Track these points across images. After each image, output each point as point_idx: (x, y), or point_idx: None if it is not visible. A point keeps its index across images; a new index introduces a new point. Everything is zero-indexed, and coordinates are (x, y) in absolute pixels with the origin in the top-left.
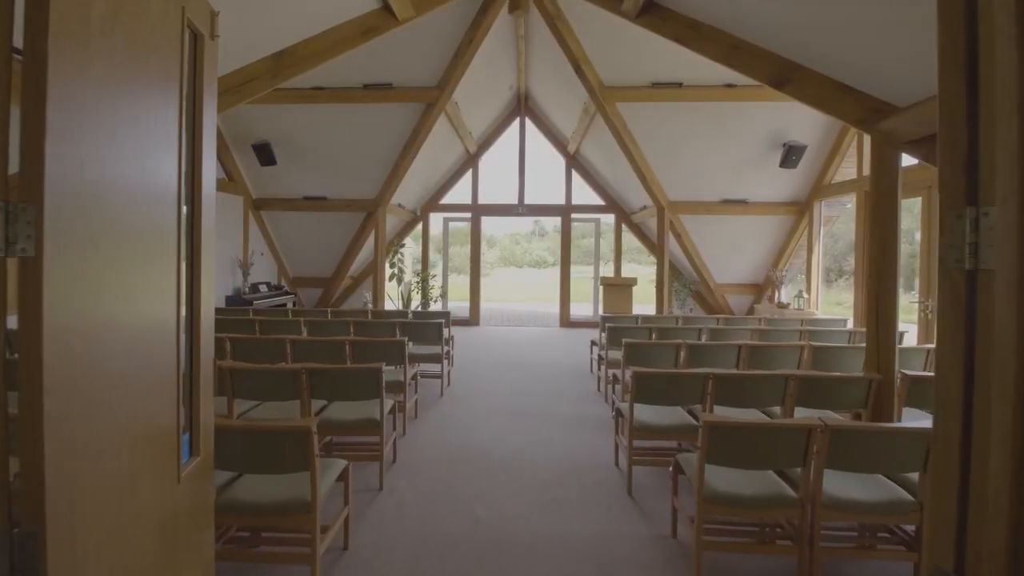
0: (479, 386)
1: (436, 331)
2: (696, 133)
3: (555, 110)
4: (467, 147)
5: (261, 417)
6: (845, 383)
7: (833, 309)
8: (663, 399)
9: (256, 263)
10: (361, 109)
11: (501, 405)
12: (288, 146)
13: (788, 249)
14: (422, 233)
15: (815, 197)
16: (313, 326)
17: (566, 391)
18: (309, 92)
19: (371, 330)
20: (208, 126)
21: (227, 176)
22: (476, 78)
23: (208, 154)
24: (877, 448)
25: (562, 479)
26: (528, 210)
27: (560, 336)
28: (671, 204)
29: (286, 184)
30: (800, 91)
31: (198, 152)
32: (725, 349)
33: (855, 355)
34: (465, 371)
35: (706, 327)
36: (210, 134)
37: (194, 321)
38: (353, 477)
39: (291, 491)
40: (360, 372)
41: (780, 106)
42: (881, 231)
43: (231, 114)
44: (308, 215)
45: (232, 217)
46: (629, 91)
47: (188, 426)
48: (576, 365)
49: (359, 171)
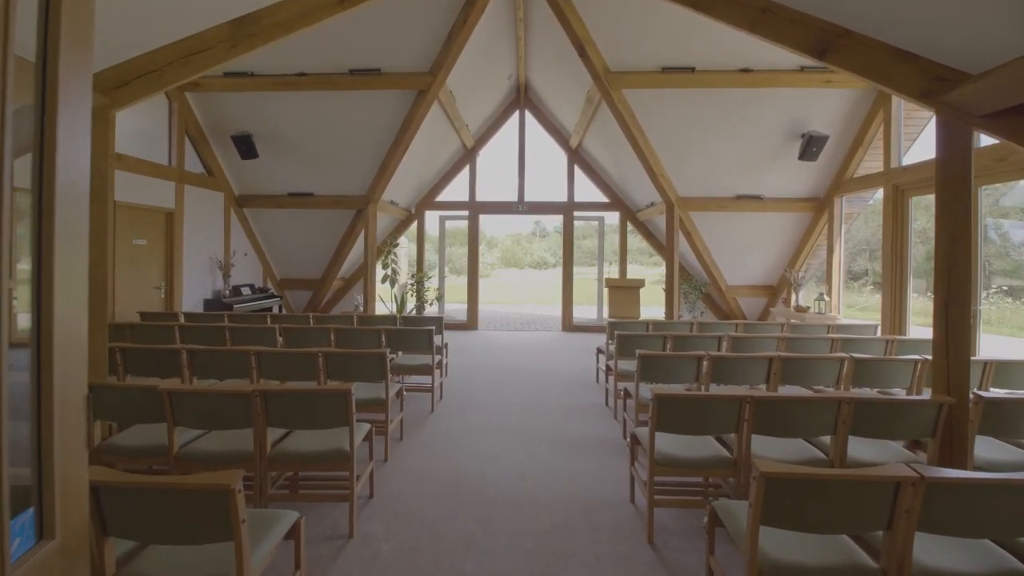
0: (475, 399)
1: (426, 339)
2: (708, 123)
3: (557, 101)
4: (464, 141)
5: (203, 450)
6: (909, 408)
7: (854, 314)
8: (690, 426)
9: (239, 264)
10: (348, 97)
11: (498, 422)
12: (270, 138)
13: (805, 249)
14: (417, 232)
15: (836, 192)
16: (291, 335)
17: (571, 406)
18: (291, 78)
19: (354, 339)
20: (72, 92)
21: (206, 171)
22: (472, 65)
23: (71, 130)
24: (989, 505)
25: (568, 520)
26: (528, 208)
27: (562, 341)
28: (681, 200)
29: (270, 179)
30: (846, 60)
31: (50, 126)
32: (752, 363)
33: (900, 369)
34: (460, 382)
35: (725, 335)
36: (77, 103)
37: (43, 342)
38: (320, 521)
39: (213, 567)
40: (326, 395)
41: (800, 93)
42: (951, 224)
43: (207, 103)
44: (294, 213)
45: (212, 215)
46: (637, 76)
47: (37, 492)
48: (581, 374)
49: (347, 165)
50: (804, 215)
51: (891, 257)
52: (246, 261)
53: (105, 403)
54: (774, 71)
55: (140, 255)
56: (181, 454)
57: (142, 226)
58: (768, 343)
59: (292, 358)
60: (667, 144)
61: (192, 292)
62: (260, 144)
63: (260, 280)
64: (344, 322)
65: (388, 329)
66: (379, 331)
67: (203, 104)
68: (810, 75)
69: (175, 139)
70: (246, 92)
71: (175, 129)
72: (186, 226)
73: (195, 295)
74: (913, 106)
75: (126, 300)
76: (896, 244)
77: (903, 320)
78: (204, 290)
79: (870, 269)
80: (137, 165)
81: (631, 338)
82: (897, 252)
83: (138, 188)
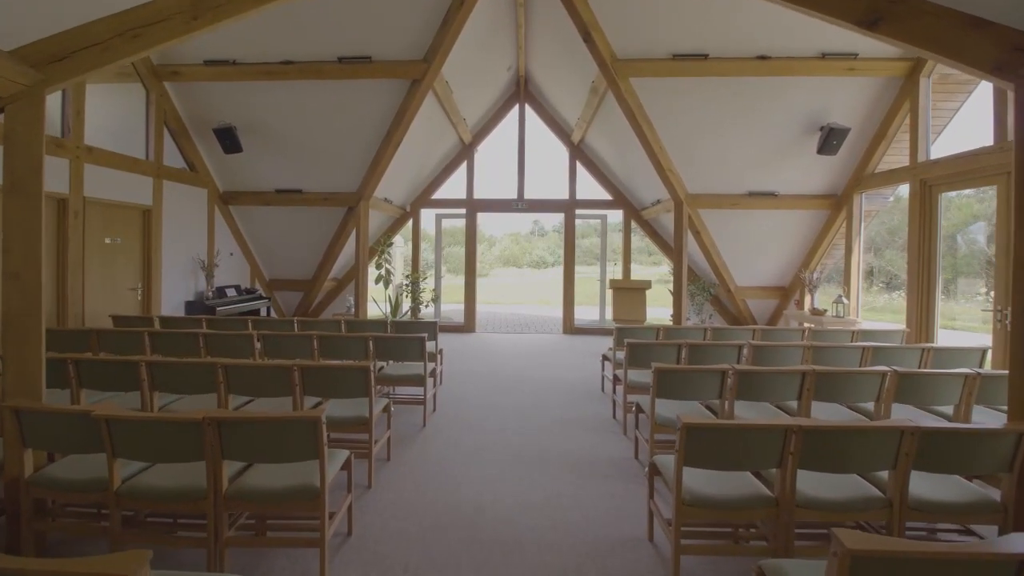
0: (470, 413)
1: (418, 347)
2: (721, 115)
3: (559, 94)
4: (461, 136)
5: (149, 485)
6: (984, 439)
7: (870, 316)
8: (725, 460)
9: (225, 264)
10: (337, 87)
11: (496, 441)
12: (255, 131)
13: (821, 248)
14: (412, 231)
15: (855, 189)
16: (271, 342)
17: (576, 420)
18: (276, 67)
19: (339, 348)
20: None
21: (188, 166)
22: (469, 55)
23: None
24: None
25: (579, 565)
26: (528, 206)
27: (565, 345)
28: (690, 197)
29: (256, 175)
30: (903, 31)
31: None
32: (782, 378)
33: (947, 385)
34: (455, 391)
35: (746, 343)
36: None
37: None
38: (290, 568)
39: None
40: (292, 424)
41: (820, 83)
42: None
43: (188, 94)
44: (282, 210)
45: (194, 212)
46: (646, 64)
47: None
48: (585, 382)
49: (337, 160)
50: (819, 213)
51: (918, 257)
52: (232, 261)
53: (36, 429)
54: (793, 58)
55: (114, 254)
56: (124, 490)
57: (116, 224)
58: (793, 354)
59: (265, 372)
60: (676, 138)
61: (172, 294)
62: (244, 137)
63: (247, 281)
64: (331, 328)
65: (377, 337)
66: (367, 339)
67: (184, 95)
68: (831, 63)
69: (153, 132)
70: (229, 82)
71: (153, 121)
72: (165, 224)
73: (175, 297)
74: (940, 96)
75: (98, 302)
76: (924, 244)
77: (931, 325)
78: (186, 292)
79: (876, 267)
80: (111, 159)
81: (642, 347)
82: (925, 252)
83: (112, 183)
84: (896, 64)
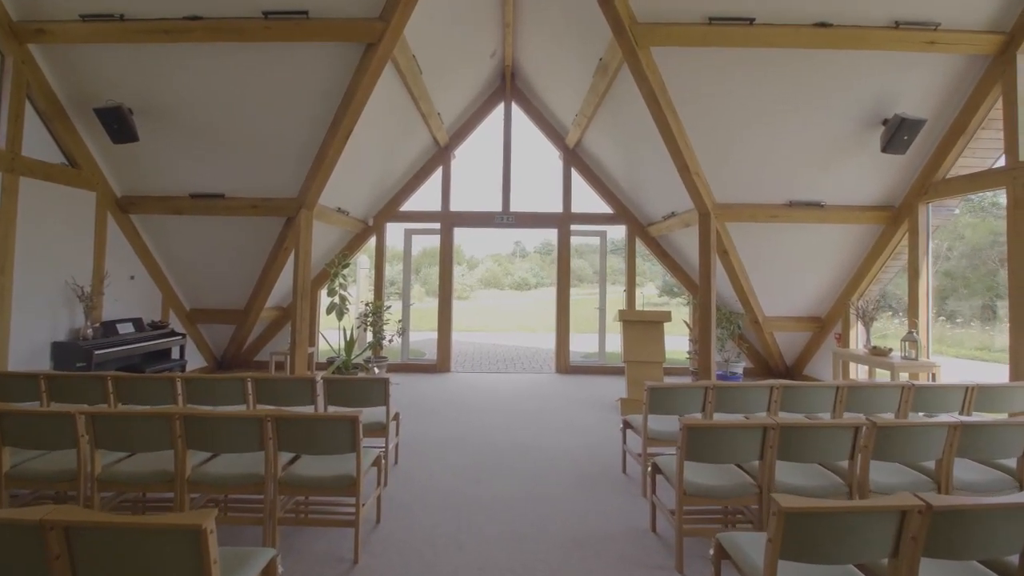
0: (434, 528)
1: (347, 434)
2: (764, 100)
3: (552, 87)
4: (435, 136)
5: None
6: None
7: (943, 350)
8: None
9: (124, 292)
10: (264, 53)
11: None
12: (157, 114)
13: (871, 270)
14: (376, 249)
15: (921, 197)
16: (108, 427)
17: (596, 535)
18: (179, 24)
19: (220, 435)
20: None
21: (68, 161)
22: (443, 31)
23: None
24: None
25: None
26: (515, 220)
27: (559, 390)
28: (719, 208)
29: (162, 174)
30: None
31: None
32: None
33: None
34: (413, 474)
35: (817, 400)
36: None
37: None
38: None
39: None
40: None
41: (889, 60)
42: None
43: (66, 63)
44: (202, 221)
45: (72, 222)
46: (674, 29)
47: None
48: (597, 454)
49: (269, 155)
50: (871, 228)
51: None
52: (132, 287)
53: None
54: (860, 27)
55: None
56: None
57: None
58: (934, 437)
59: None
60: (705, 130)
61: (28, 334)
62: (142, 123)
63: (158, 313)
64: (228, 392)
65: (283, 416)
66: (261, 421)
67: (59, 64)
68: (907, 33)
69: (7, 111)
70: (116, 44)
71: (7, 96)
72: (20, 237)
73: (35, 338)
74: None
75: None
76: None
77: None
78: (53, 330)
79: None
80: None
81: (700, 435)
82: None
83: None
84: (985, 38)
